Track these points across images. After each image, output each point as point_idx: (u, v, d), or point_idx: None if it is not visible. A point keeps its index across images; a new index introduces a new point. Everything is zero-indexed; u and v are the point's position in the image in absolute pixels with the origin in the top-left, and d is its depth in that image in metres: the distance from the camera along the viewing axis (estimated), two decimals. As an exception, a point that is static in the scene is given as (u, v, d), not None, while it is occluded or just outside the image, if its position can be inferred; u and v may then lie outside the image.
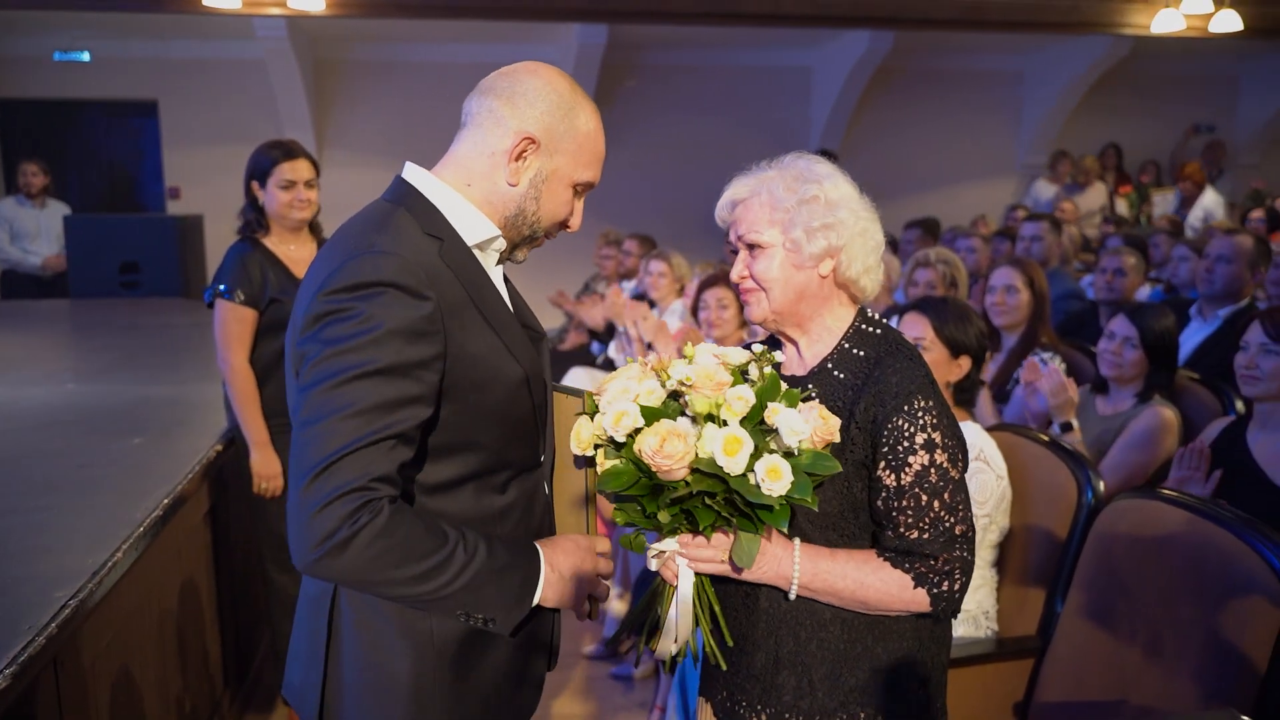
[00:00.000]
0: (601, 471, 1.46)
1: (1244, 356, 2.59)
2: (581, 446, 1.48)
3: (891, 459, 1.52)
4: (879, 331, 1.64)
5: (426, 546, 1.33)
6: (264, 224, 3.04)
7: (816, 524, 1.56)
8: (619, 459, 1.44)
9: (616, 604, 3.68)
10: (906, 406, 1.52)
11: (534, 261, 1.58)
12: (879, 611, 1.55)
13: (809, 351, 1.65)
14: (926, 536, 1.52)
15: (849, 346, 1.62)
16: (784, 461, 1.38)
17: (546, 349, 1.59)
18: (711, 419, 1.41)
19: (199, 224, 6.95)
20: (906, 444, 1.51)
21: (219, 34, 8.09)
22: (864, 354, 1.60)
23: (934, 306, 2.57)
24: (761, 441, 1.40)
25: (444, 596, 1.35)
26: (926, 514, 1.52)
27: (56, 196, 7.29)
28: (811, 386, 1.56)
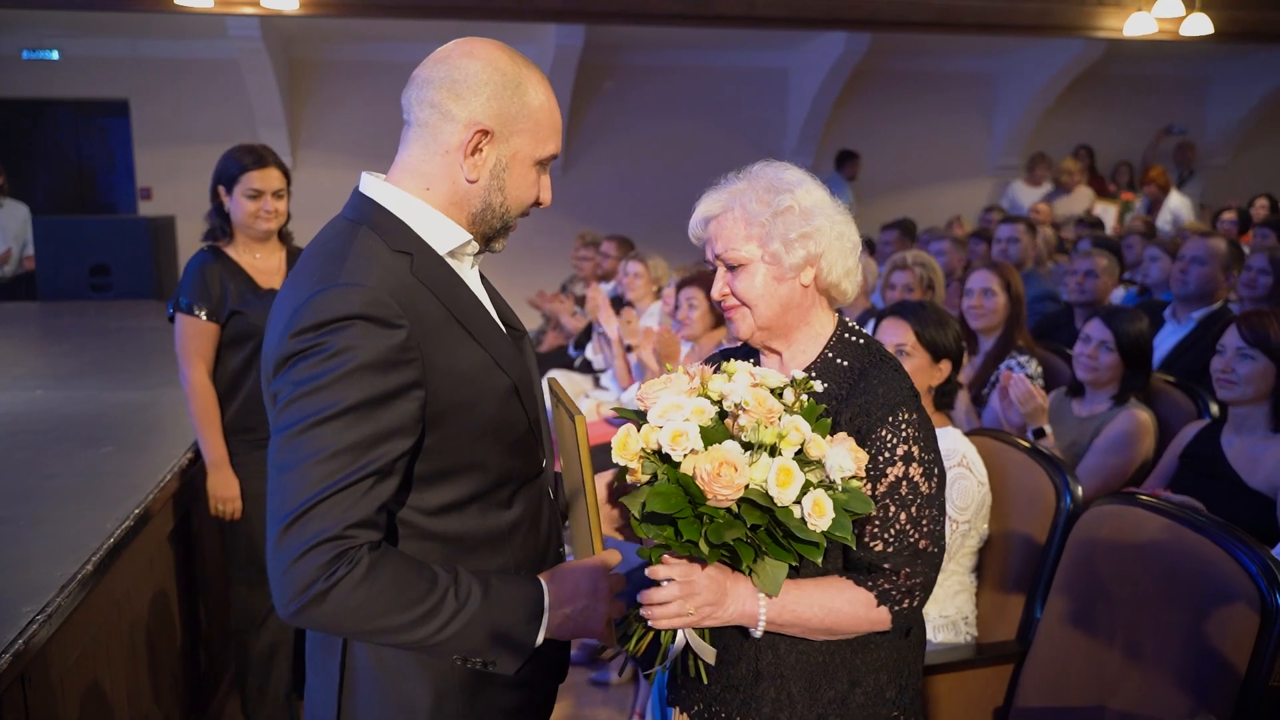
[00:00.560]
0: (650, 492, 1.40)
1: (1220, 360, 2.60)
2: (628, 457, 1.43)
3: (871, 469, 1.52)
4: (861, 341, 1.64)
5: (414, 594, 1.28)
6: (228, 231, 2.92)
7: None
8: (664, 476, 1.41)
9: None
10: (891, 418, 1.52)
11: (511, 262, 1.55)
12: (845, 635, 1.54)
13: (792, 362, 1.64)
14: (890, 550, 1.52)
15: (832, 356, 1.62)
16: (828, 498, 1.37)
17: (530, 347, 1.56)
18: (765, 448, 1.39)
19: (171, 225, 6.87)
20: (887, 455, 1.51)
21: (191, 33, 7.99)
22: (848, 364, 1.60)
23: (914, 311, 2.56)
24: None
25: (438, 643, 1.30)
26: (892, 526, 1.52)
27: (16, 196, 7.17)
28: (815, 377, 1.54)
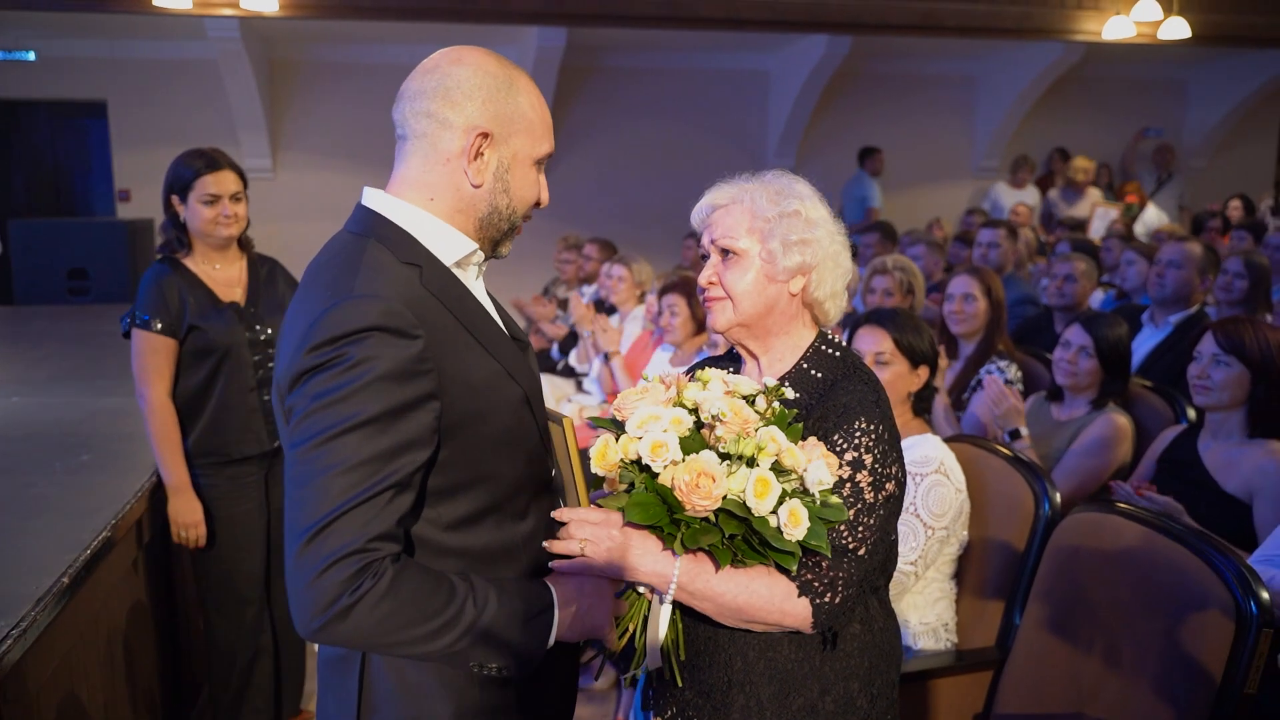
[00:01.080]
0: (629, 502, 1.41)
1: (1196, 367, 2.63)
2: (607, 467, 1.44)
3: None
4: (837, 354, 1.65)
5: (435, 604, 1.28)
6: (185, 241, 2.78)
7: None
8: (641, 485, 1.41)
9: None
10: (846, 426, 1.52)
11: (493, 264, 1.53)
12: (754, 622, 1.48)
13: (769, 370, 1.65)
14: (826, 561, 1.48)
15: (807, 367, 1.63)
16: (803, 507, 1.38)
17: (534, 355, 1.57)
18: (743, 458, 1.40)
19: (149, 229, 6.82)
20: (836, 459, 1.51)
21: (170, 34, 7.93)
22: (821, 375, 1.61)
23: (891, 318, 2.57)
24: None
25: (457, 651, 1.31)
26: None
27: None
28: (786, 385, 1.55)
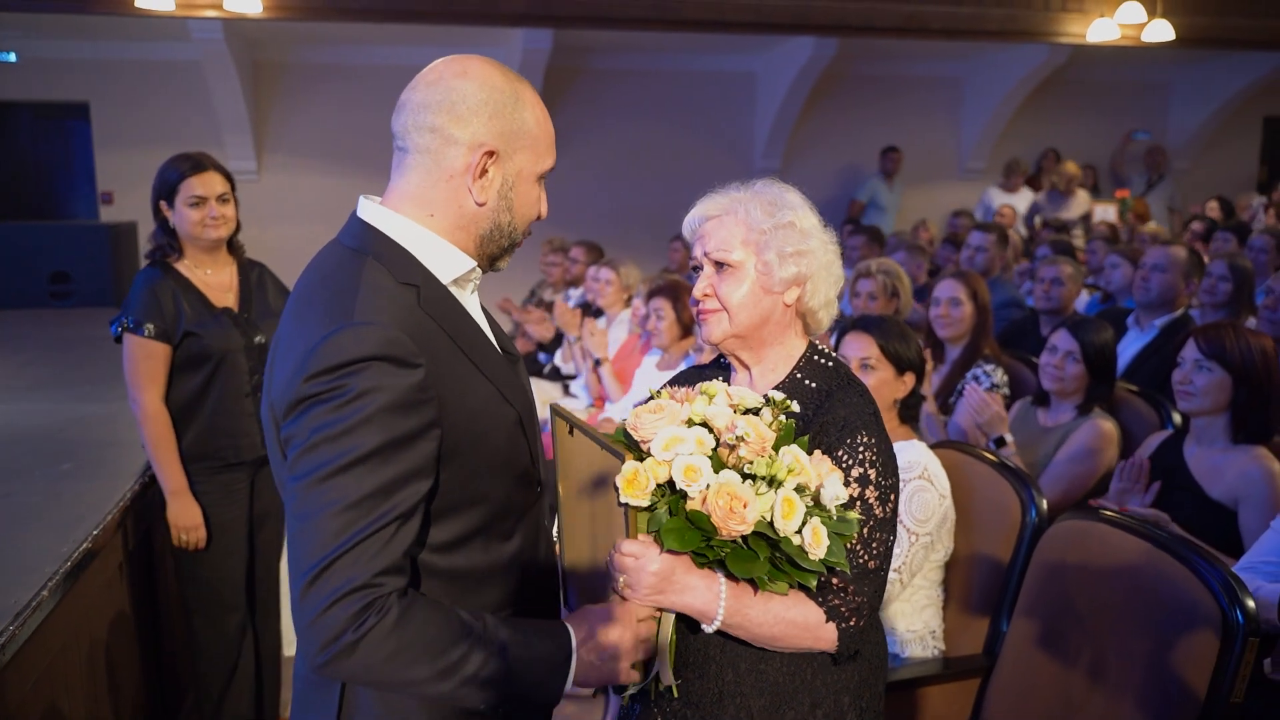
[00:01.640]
0: (664, 529, 1.38)
1: (1180, 372, 2.63)
2: (640, 495, 1.38)
3: None
4: (830, 364, 1.65)
5: (443, 642, 1.26)
6: (176, 247, 2.77)
7: None
8: (666, 506, 1.39)
9: None
10: (850, 440, 1.53)
11: (481, 269, 1.51)
12: (785, 648, 1.50)
13: (762, 380, 1.65)
14: (839, 581, 1.50)
15: (801, 377, 1.63)
16: (823, 525, 1.38)
17: (524, 370, 1.55)
18: (765, 479, 1.39)
19: (133, 231, 6.77)
20: (844, 476, 1.52)
21: (152, 35, 7.87)
22: (815, 385, 1.61)
23: (876, 324, 2.57)
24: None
25: (466, 694, 1.28)
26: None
27: None
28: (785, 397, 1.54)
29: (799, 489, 1.39)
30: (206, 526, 2.79)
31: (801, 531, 1.38)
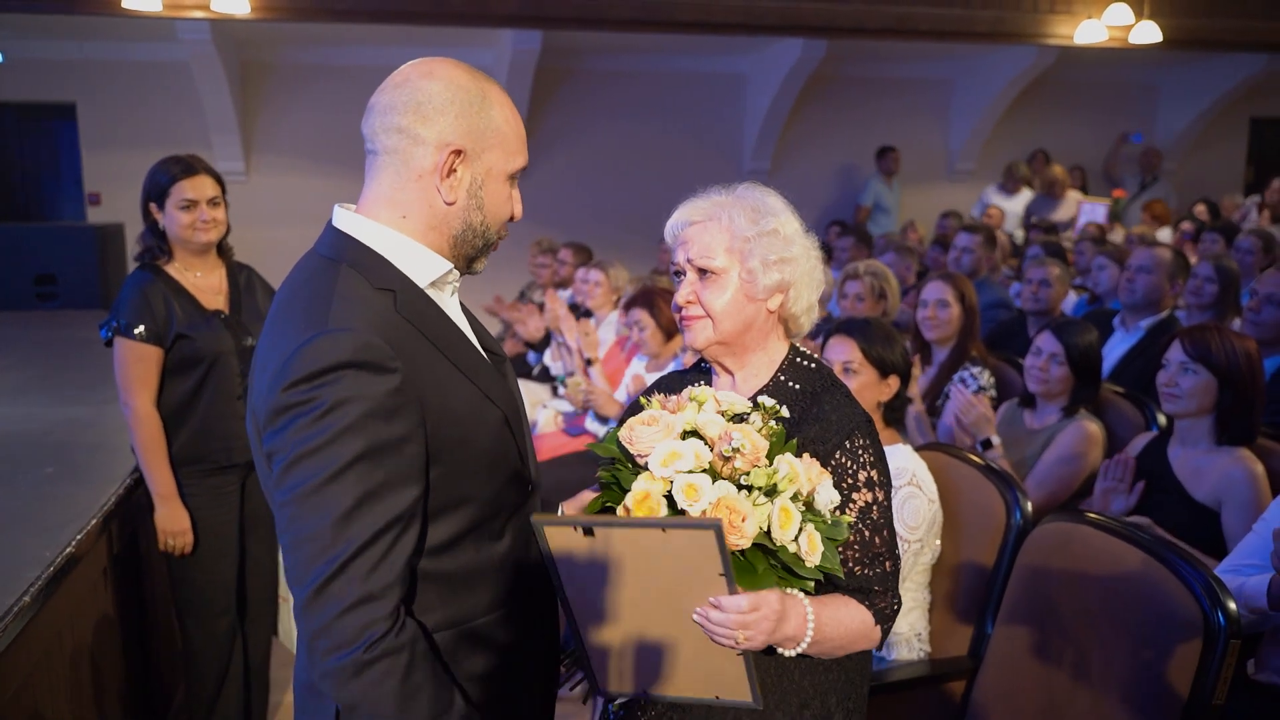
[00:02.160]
0: None
1: (1165, 375, 2.64)
2: (653, 513, 1.37)
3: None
4: (813, 365, 1.66)
5: (444, 704, 1.30)
6: (166, 249, 2.76)
7: None
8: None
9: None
10: (848, 443, 1.54)
11: (468, 271, 1.50)
12: (844, 653, 1.52)
13: (745, 384, 1.65)
14: (872, 573, 1.54)
15: (784, 379, 1.63)
16: (817, 532, 1.38)
17: (511, 371, 1.55)
18: (762, 489, 1.38)
19: (119, 233, 6.73)
20: (850, 481, 1.54)
21: (139, 35, 7.83)
22: (799, 387, 1.62)
23: (860, 328, 2.57)
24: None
25: None
26: (869, 549, 1.54)
27: None
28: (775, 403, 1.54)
29: (794, 496, 1.39)
30: (196, 531, 2.78)
31: (798, 539, 1.38)
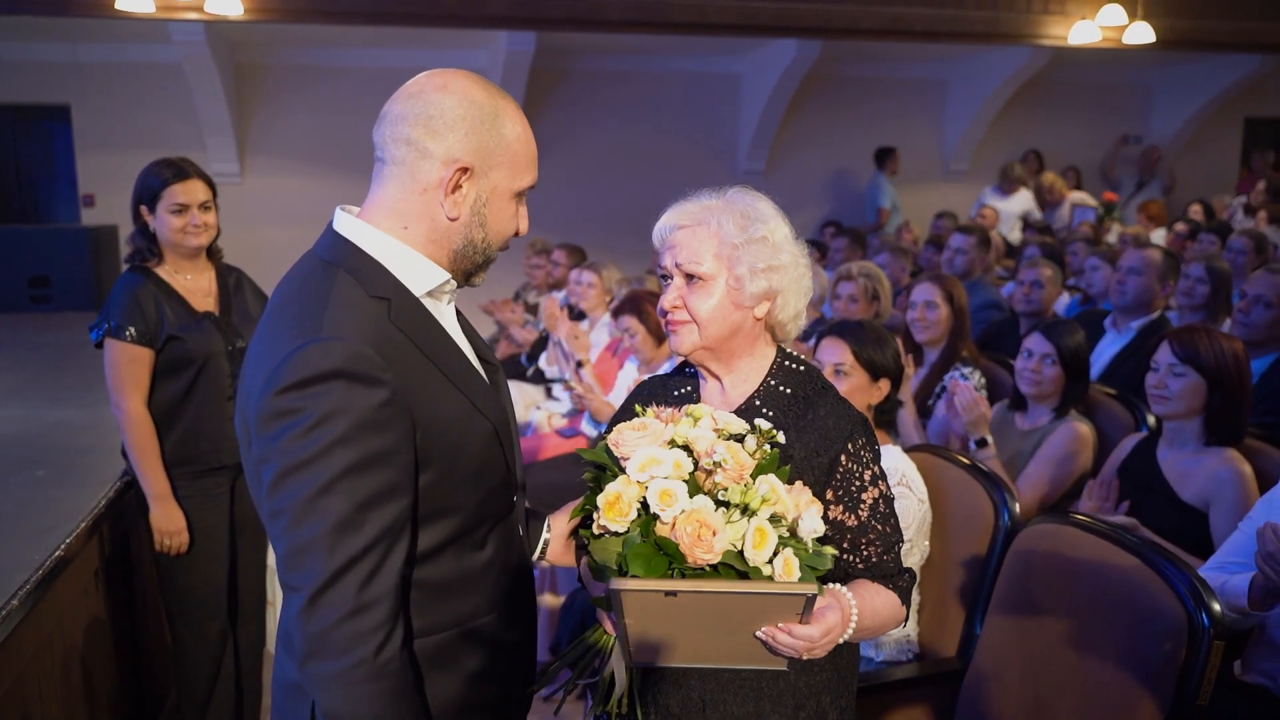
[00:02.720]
0: (630, 553, 1.37)
1: (1153, 376, 2.65)
2: (622, 518, 1.37)
3: (845, 499, 1.56)
4: (802, 368, 1.66)
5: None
6: (156, 251, 2.75)
7: None
8: (638, 530, 1.38)
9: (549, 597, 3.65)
10: (850, 446, 1.57)
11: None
12: (876, 636, 1.62)
13: (735, 390, 1.65)
14: (889, 558, 1.59)
15: (775, 384, 1.63)
16: (795, 557, 1.38)
17: (504, 380, 1.55)
18: (740, 507, 1.38)
19: (114, 235, 6.73)
20: (858, 483, 1.57)
21: (133, 37, 7.82)
22: (790, 391, 1.62)
23: (851, 330, 2.58)
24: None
25: None
26: (882, 539, 1.58)
27: None
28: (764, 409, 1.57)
29: (775, 519, 1.38)
30: (189, 531, 2.79)
31: (773, 562, 1.36)
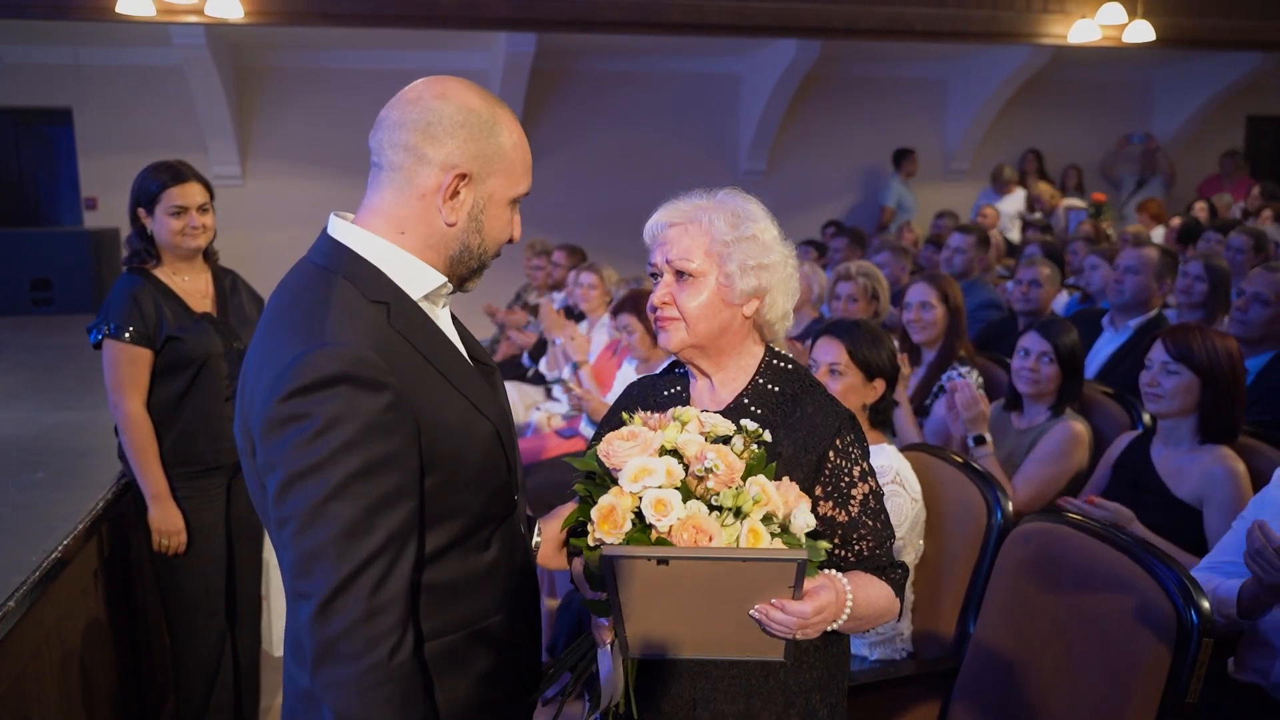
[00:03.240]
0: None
1: (1147, 375, 2.65)
2: (617, 530, 1.37)
3: (835, 495, 1.57)
4: (790, 367, 1.67)
5: None
6: (154, 253, 2.78)
7: None
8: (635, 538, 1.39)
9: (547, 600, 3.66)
10: (838, 441, 1.58)
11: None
12: (871, 627, 1.62)
13: (724, 388, 1.66)
14: (881, 551, 1.61)
15: (764, 382, 1.64)
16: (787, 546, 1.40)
17: (500, 381, 1.56)
18: (733, 510, 1.39)
19: (115, 238, 6.75)
20: (847, 480, 1.58)
21: (134, 40, 7.85)
22: (779, 390, 1.63)
23: (847, 330, 2.58)
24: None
25: None
26: (874, 534, 1.60)
27: None
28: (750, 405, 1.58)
29: (767, 518, 1.39)
30: (187, 531, 2.80)
31: None
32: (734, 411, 1.60)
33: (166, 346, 2.73)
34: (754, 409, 1.60)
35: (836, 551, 1.58)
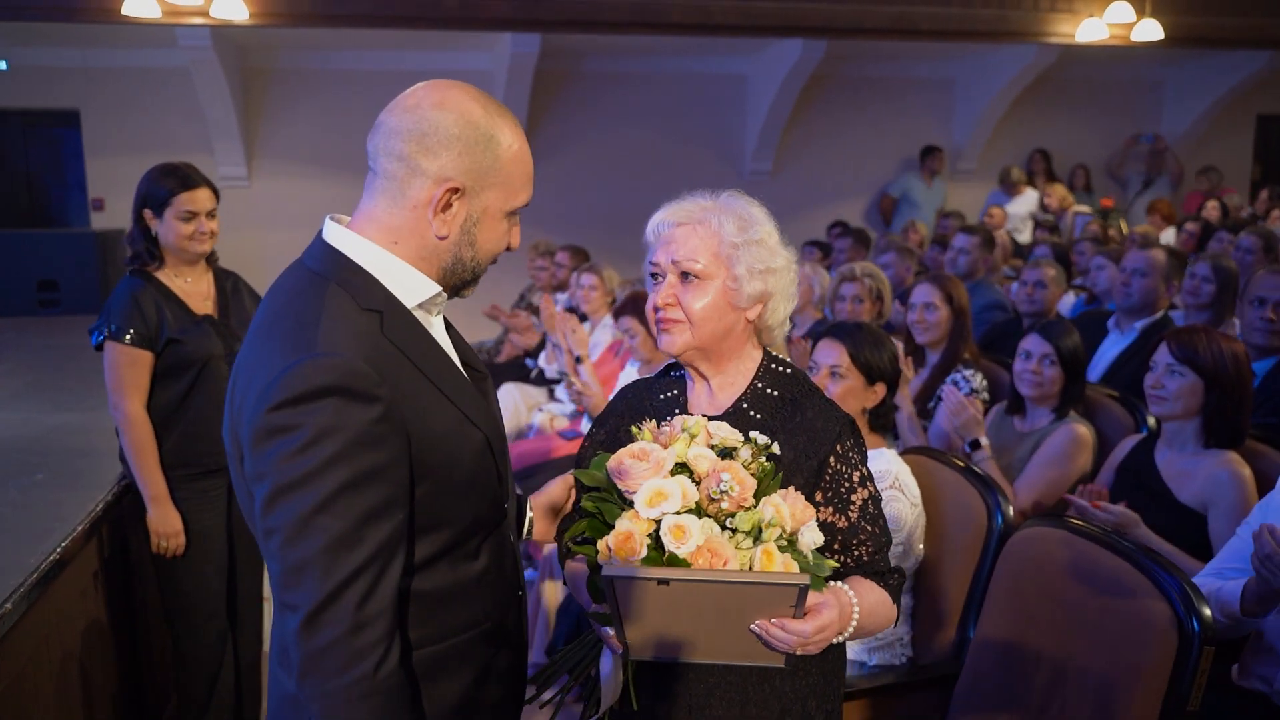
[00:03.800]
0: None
1: (1151, 376, 2.63)
2: (634, 556, 1.36)
3: (835, 500, 1.57)
4: (788, 371, 1.67)
5: None
6: (157, 255, 2.78)
7: None
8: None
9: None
10: (839, 447, 1.58)
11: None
12: (870, 635, 1.64)
13: (722, 393, 1.65)
14: (879, 555, 1.60)
15: (762, 386, 1.63)
16: (794, 561, 1.39)
17: (491, 388, 1.55)
18: (747, 533, 1.38)
19: (121, 238, 6.75)
20: (847, 485, 1.57)
21: (141, 42, 7.87)
22: (777, 394, 1.62)
23: (849, 333, 2.57)
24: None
25: None
26: (872, 539, 1.59)
27: None
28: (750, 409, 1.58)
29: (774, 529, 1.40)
30: (186, 533, 2.80)
31: None
32: (732, 415, 1.59)
33: (167, 349, 2.73)
34: (753, 413, 1.59)
35: (836, 557, 1.57)
